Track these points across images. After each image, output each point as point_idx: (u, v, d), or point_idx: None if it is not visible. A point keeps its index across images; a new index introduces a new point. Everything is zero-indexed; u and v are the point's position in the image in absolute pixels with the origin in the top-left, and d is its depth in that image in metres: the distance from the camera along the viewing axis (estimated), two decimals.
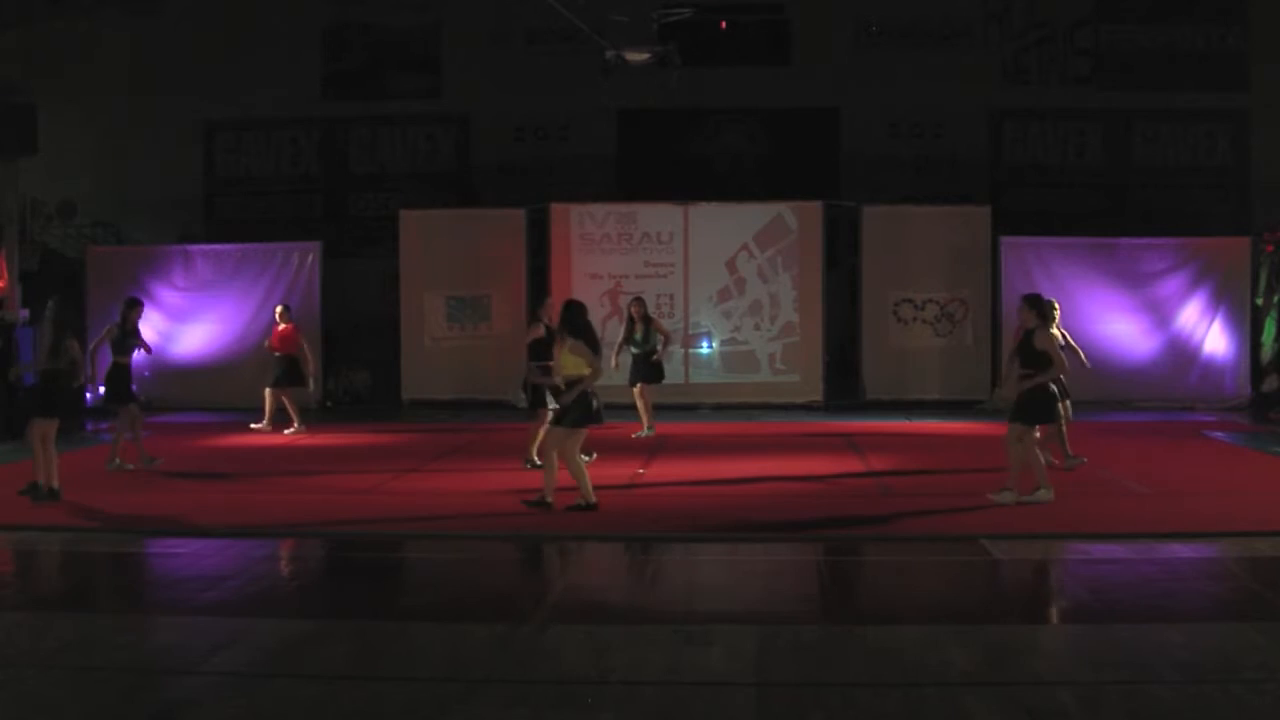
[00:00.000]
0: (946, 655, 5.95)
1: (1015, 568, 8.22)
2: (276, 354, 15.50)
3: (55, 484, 10.22)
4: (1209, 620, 6.64)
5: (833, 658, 6.03)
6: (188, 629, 6.61)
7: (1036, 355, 9.83)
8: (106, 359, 12.66)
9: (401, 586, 8.16)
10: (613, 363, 14.28)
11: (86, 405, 15.84)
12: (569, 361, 9.76)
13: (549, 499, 9.72)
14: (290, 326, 15.56)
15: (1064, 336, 12.21)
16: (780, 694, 5.48)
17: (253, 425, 15.49)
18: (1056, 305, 12.58)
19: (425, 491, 10.96)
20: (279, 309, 15.80)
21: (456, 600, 7.53)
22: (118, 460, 12.23)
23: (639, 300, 15.24)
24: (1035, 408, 9.91)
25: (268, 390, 15.47)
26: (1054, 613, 6.93)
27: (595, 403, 9.71)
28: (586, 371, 9.65)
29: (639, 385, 14.79)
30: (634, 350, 14.76)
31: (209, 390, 18.43)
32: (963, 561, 8.30)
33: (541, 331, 11.67)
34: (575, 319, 9.87)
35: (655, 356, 14.75)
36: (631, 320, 14.84)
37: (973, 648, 6.04)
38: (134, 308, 12.83)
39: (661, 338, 15.00)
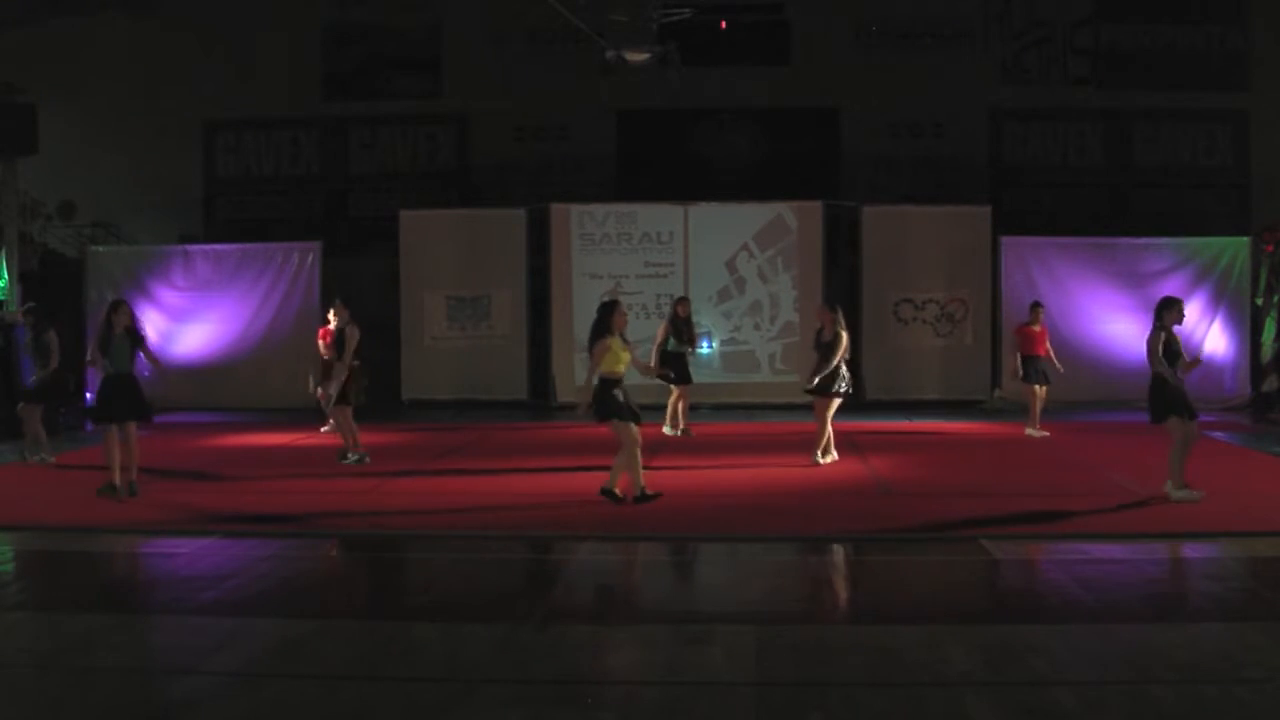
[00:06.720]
0: (946, 655, 5.94)
1: (1015, 568, 8.21)
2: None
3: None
4: (1209, 620, 6.63)
5: (833, 658, 6.02)
6: (188, 629, 6.60)
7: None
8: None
9: (401, 586, 8.15)
10: (652, 361, 13.95)
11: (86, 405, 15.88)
12: (618, 358, 9.90)
13: (619, 492, 10.10)
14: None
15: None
16: (780, 694, 5.47)
17: (323, 429, 15.58)
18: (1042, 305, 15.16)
19: (425, 491, 10.96)
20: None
21: (456, 600, 7.52)
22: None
23: (685, 300, 15.21)
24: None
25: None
26: (1054, 613, 6.91)
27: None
28: (621, 369, 9.91)
29: (684, 386, 14.67)
30: (674, 350, 14.61)
31: (209, 390, 18.42)
32: (963, 561, 8.29)
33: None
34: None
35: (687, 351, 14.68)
36: (677, 319, 14.77)
37: (973, 648, 6.03)
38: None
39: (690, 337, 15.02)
